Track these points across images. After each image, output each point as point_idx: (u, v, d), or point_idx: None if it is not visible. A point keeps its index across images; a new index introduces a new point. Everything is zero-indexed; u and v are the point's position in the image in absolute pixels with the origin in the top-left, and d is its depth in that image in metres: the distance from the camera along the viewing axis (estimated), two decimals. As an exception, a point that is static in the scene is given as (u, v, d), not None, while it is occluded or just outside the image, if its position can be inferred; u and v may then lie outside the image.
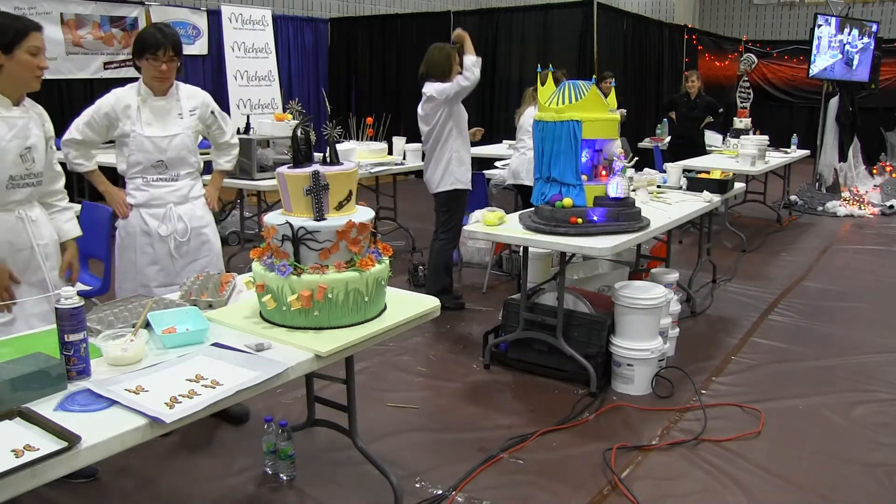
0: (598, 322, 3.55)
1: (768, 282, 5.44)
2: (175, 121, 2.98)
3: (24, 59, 2.33)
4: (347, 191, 2.20)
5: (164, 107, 2.96)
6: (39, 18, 7.30)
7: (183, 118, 2.99)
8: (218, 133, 3.22)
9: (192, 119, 3.03)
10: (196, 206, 3.10)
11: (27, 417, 1.54)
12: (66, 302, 1.70)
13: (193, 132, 3.04)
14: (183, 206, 3.05)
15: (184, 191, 3.05)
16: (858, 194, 8.58)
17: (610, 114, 3.45)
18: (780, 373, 3.77)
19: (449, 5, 12.51)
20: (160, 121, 2.95)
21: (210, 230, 3.15)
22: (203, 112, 3.08)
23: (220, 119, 3.18)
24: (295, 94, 9.69)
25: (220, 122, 3.19)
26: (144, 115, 2.93)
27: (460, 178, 4.50)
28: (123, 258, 3.07)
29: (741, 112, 8.79)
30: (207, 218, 3.15)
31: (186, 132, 3.00)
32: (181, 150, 2.99)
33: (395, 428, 3.14)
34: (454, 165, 4.47)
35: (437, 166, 4.50)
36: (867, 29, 9.59)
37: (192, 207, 3.08)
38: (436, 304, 2.38)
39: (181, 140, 2.98)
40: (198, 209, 3.11)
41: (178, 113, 2.99)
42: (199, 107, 3.06)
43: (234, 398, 1.72)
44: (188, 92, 3.06)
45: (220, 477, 2.74)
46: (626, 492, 2.64)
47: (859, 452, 2.97)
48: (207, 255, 3.12)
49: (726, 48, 13.03)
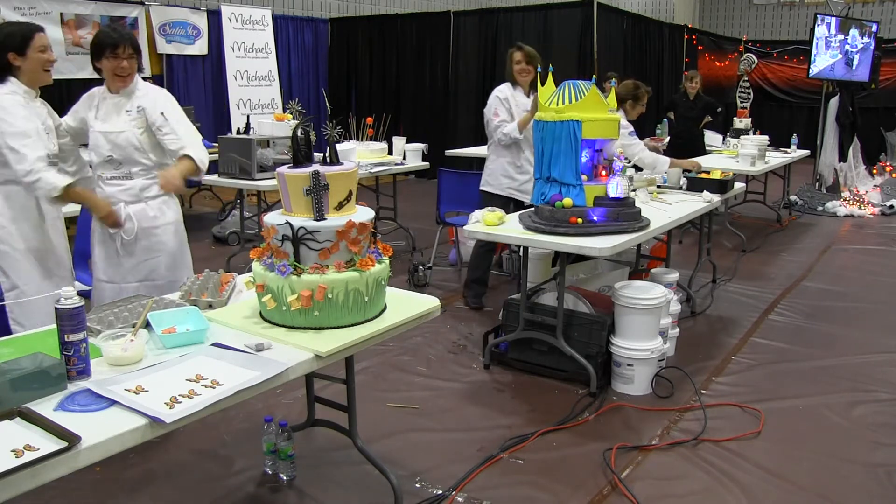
0: (598, 322, 3.55)
1: (768, 282, 5.44)
2: (123, 117, 2.99)
3: (36, 56, 2.79)
4: (347, 191, 2.20)
5: (117, 103, 3.00)
6: (39, 18, 7.31)
7: (130, 115, 2.98)
8: (168, 138, 3.01)
9: (139, 117, 2.98)
10: (150, 207, 3.05)
11: (27, 417, 1.54)
12: (66, 302, 1.70)
13: (141, 131, 2.99)
14: (135, 206, 3.03)
15: (135, 189, 3.03)
16: (858, 194, 8.58)
17: (610, 114, 3.45)
18: (780, 373, 3.77)
19: (449, 5, 12.51)
20: (111, 117, 3.00)
21: (163, 231, 3.08)
22: (151, 112, 2.98)
23: (170, 120, 3.00)
24: (295, 94, 9.70)
25: (173, 126, 3.01)
26: (101, 111, 3.02)
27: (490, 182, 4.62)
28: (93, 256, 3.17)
29: (741, 112, 8.79)
30: (163, 219, 3.08)
31: (132, 129, 2.97)
32: (127, 147, 2.98)
33: (395, 428, 3.14)
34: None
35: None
36: (867, 29, 9.59)
37: (145, 207, 3.04)
38: (436, 304, 2.38)
39: (126, 137, 2.97)
40: (151, 209, 3.05)
41: (127, 109, 2.99)
42: (147, 106, 2.99)
43: (234, 398, 1.72)
44: (145, 91, 3.04)
45: (220, 477, 2.74)
46: (626, 492, 2.64)
47: (859, 452, 2.97)
48: (158, 255, 3.07)
49: (726, 48, 13.04)
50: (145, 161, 3.03)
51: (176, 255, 3.14)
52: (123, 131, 2.97)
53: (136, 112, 2.98)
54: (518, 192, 4.49)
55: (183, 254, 3.19)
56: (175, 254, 3.13)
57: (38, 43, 2.78)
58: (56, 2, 7.48)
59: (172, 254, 3.12)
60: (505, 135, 4.34)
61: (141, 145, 2.99)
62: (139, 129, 2.98)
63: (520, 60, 4.37)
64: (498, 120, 4.38)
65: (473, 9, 11.36)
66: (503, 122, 4.36)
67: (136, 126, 2.98)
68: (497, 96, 4.42)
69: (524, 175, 4.46)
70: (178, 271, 3.12)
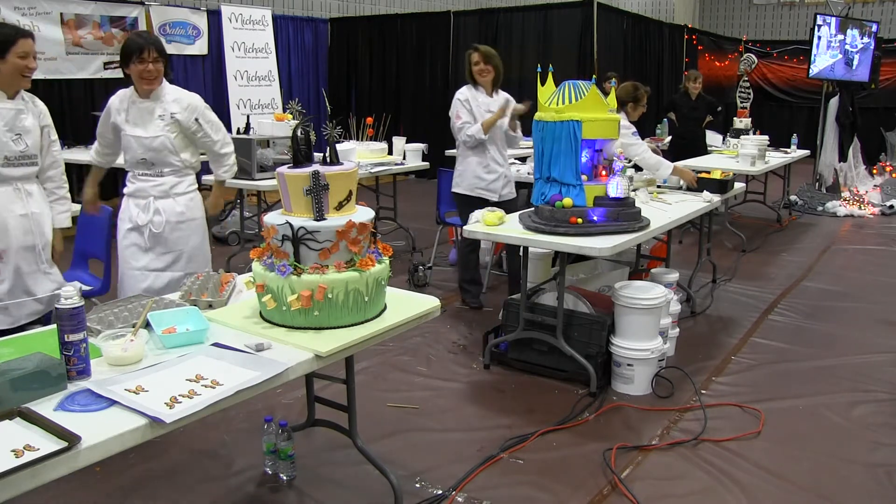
0: (598, 322, 3.55)
1: (768, 282, 5.44)
2: (156, 122, 3.19)
3: (14, 61, 2.79)
4: (347, 191, 2.20)
5: (147, 108, 3.20)
6: (39, 18, 7.31)
7: (164, 120, 3.19)
8: (206, 142, 3.34)
9: (173, 123, 3.20)
10: (178, 203, 3.30)
11: (27, 417, 1.54)
12: (66, 302, 1.70)
13: (175, 135, 3.22)
14: (163, 201, 3.28)
15: (166, 186, 3.28)
16: (858, 194, 8.58)
17: (610, 114, 3.45)
18: (780, 373, 3.77)
19: (449, 5, 12.51)
20: (143, 122, 3.20)
21: (189, 226, 3.34)
22: (186, 118, 3.22)
23: (206, 127, 3.29)
24: (295, 94, 9.70)
25: (207, 130, 3.30)
26: (132, 115, 3.22)
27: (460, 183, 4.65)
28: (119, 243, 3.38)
29: (741, 112, 8.78)
30: (189, 214, 3.34)
31: (166, 134, 3.19)
32: (161, 150, 3.21)
33: (395, 428, 3.14)
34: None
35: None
36: (867, 29, 9.59)
37: (173, 203, 3.30)
38: (436, 303, 2.38)
39: (161, 142, 3.20)
40: (179, 205, 3.30)
41: (160, 115, 3.19)
42: (180, 112, 3.21)
43: (234, 398, 1.72)
44: (175, 96, 3.24)
45: (220, 477, 2.74)
46: (626, 492, 2.64)
47: (859, 452, 2.97)
48: (182, 248, 3.33)
49: (726, 48, 13.04)
50: (177, 162, 3.27)
51: (197, 249, 3.40)
52: (158, 136, 3.19)
53: (171, 119, 3.19)
54: (486, 191, 4.53)
55: (204, 248, 3.45)
56: (197, 247, 3.39)
57: (20, 48, 2.79)
58: (56, 2, 7.47)
59: (195, 247, 3.38)
60: (470, 136, 4.39)
61: (174, 148, 3.23)
62: (172, 133, 3.21)
63: (478, 61, 4.41)
64: (461, 122, 4.42)
65: (473, 9, 11.36)
66: (466, 124, 4.40)
67: (170, 131, 3.20)
68: (458, 99, 4.46)
69: (492, 174, 4.51)
70: (198, 264, 3.36)
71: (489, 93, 4.48)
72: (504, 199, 4.51)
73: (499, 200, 4.47)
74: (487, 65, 4.40)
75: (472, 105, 4.42)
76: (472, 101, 4.43)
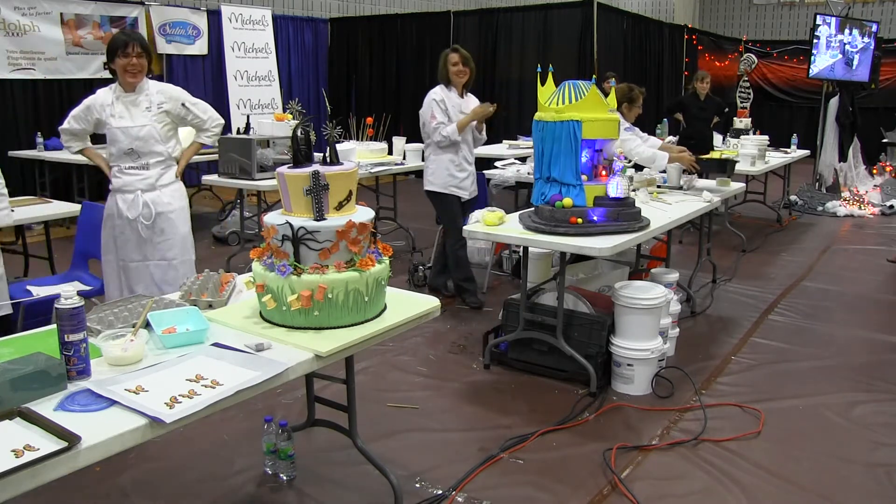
0: (598, 322, 3.55)
1: (768, 282, 5.44)
2: (143, 113, 3.38)
3: None
4: (347, 191, 2.20)
5: (133, 101, 3.38)
6: (39, 18, 7.32)
7: (150, 111, 3.38)
8: (196, 122, 3.57)
9: (161, 113, 3.40)
10: (163, 194, 3.49)
11: (27, 417, 1.54)
12: (66, 302, 1.70)
13: (162, 124, 3.41)
14: (150, 193, 3.45)
15: (152, 179, 3.45)
16: (858, 194, 8.58)
17: (610, 114, 3.45)
18: (780, 373, 3.77)
19: (449, 5, 12.51)
20: (130, 113, 3.38)
21: (175, 215, 3.52)
22: (173, 106, 3.44)
23: (193, 109, 3.51)
24: (295, 94, 9.70)
25: (196, 112, 3.53)
26: (117, 109, 3.38)
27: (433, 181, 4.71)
28: (104, 234, 3.55)
29: (741, 112, 8.78)
30: (175, 204, 3.52)
31: (153, 123, 3.38)
32: (149, 138, 3.39)
33: (395, 428, 3.14)
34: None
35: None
36: (867, 29, 9.60)
37: (160, 194, 3.48)
38: (436, 304, 2.38)
39: (148, 131, 3.38)
40: (164, 196, 3.49)
41: (147, 106, 3.38)
42: (167, 101, 3.42)
43: (234, 398, 1.72)
44: (158, 88, 3.45)
45: (220, 477, 2.74)
46: (626, 492, 2.64)
47: (859, 452, 2.97)
48: (173, 236, 3.51)
49: (726, 48, 13.04)
50: (162, 150, 3.44)
51: (186, 237, 3.59)
52: (146, 125, 3.37)
53: (157, 108, 3.39)
54: (458, 189, 4.64)
55: (190, 235, 3.63)
56: (185, 235, 3.59)
57: None
58: (56, 2, 7.47)
59: (184, 235, 3.58)
60: (444, 136, 4.46)
61: (161, 137, 3.42)
62: (160, 123, 3.40)
63: (456, 62, 4.47)
64: (436, 122, 4.49)
65: (473, 9, 11.36)
66: (441, 125, 4.47)
67: (158, 121, 3.39)
68: (434, 99, 4.51)
69: (463, 172, 4.62)
70: (188, 252, 3.58)
71: (461, 94, 4.59)
72: (472, 196, 4.72)
73: (469, 198, 4.68)
74: (465, 67, 4.49)
75: (446, 105, 4.49)
76: (447, 101, 4.50)
